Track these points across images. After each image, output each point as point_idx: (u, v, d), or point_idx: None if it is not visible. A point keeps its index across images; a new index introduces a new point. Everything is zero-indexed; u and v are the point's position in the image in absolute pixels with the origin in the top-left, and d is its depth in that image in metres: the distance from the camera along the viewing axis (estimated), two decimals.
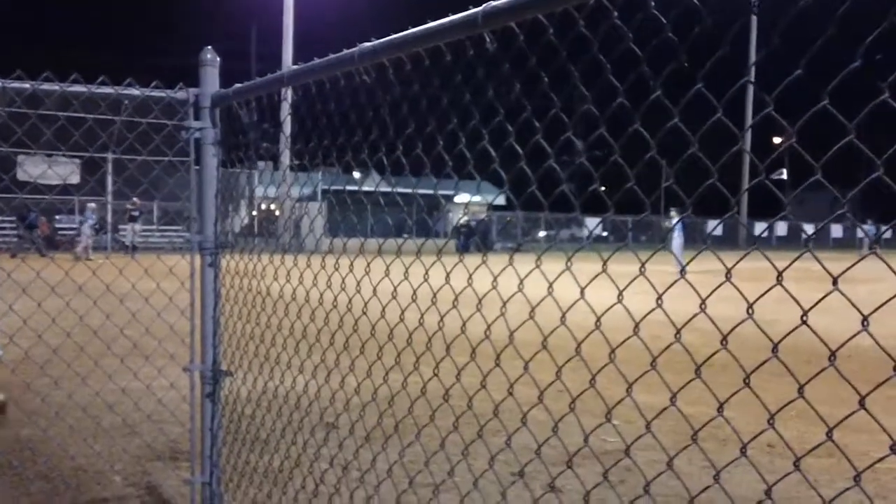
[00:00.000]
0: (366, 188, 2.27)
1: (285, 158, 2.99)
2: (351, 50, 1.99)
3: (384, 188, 2.36)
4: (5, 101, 3.09)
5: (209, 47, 2.68)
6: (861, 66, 1.01)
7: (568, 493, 3.07)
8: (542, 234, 35.29)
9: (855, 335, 1.00)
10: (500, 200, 31.35)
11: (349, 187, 2.62)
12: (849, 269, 0.98)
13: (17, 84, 2.73)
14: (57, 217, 23.51)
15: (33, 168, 16.00)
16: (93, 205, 20.65)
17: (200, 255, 2.71)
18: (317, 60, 2.14)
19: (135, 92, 2.85)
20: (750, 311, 1.09)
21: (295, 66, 2.25)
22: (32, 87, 2.72)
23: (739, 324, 1.18)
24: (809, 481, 1.11)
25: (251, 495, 2.88)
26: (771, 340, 1.07)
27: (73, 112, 2.90)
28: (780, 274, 1.03)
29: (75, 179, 19.53)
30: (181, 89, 2.72)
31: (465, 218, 32.66)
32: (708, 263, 1.43)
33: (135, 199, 20.58)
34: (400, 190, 2.03)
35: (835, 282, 0.96)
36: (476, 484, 1.86)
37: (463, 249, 23.28)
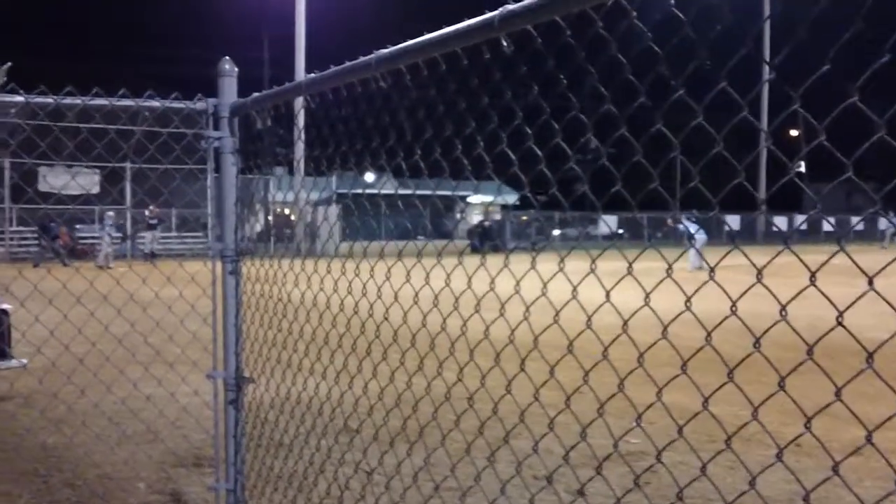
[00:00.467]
0: (379, 191, 2.27)
1: (302, 164, 3.00)
2: (368, 57, 1.99)
3: (395, 190, 2.36)
4: (28, 115, 3.14)
5: (227, 58, 2.69)
6: (889, 62, 1.00)
7: (592, 496, 3.05)
8: (556, 232, 35.18)
9: (894, 335, 0.99)
10: (513, 199, 31.33)
11: (365, 190, 2.62)
12: (885, 267, 0.97)
13: (40, 99, 2.77)
14: (77, 226, 23.81)
15: (55, 179, 16.25)
16: (111, 213, 20.92)
17: (222, 263, 2.74)
18: (334, 68, 2.14)
19: (155, 104, 2.88)
20: (784, 312, 1.07)
21: (312, 75, 2.25)
22: (56, 101, 2.76)
23: (772, 326, 1.16)
24: (847, 483, 1.09)
25: (276, 502, 2.89)
26: (806, 343, 1.06)
27: (94, 124, 2.94)
28: (813, 274, 1.02)
29: (96, 190, 19.79)
30: (200, 100, 2.75)
31: (480, 218, 32.67)
32: (724, 259, 1.41)
33: (151, 206, 20.80)
34: (419, 192, 2.03)
35: (870, 282, 0.95)
36: (504, 490, 1.85)
37: (480, 249, 23.29)
